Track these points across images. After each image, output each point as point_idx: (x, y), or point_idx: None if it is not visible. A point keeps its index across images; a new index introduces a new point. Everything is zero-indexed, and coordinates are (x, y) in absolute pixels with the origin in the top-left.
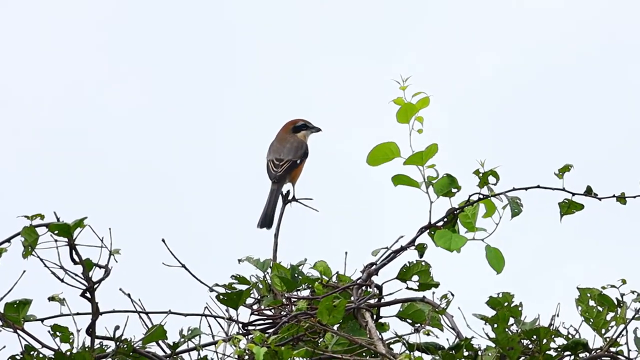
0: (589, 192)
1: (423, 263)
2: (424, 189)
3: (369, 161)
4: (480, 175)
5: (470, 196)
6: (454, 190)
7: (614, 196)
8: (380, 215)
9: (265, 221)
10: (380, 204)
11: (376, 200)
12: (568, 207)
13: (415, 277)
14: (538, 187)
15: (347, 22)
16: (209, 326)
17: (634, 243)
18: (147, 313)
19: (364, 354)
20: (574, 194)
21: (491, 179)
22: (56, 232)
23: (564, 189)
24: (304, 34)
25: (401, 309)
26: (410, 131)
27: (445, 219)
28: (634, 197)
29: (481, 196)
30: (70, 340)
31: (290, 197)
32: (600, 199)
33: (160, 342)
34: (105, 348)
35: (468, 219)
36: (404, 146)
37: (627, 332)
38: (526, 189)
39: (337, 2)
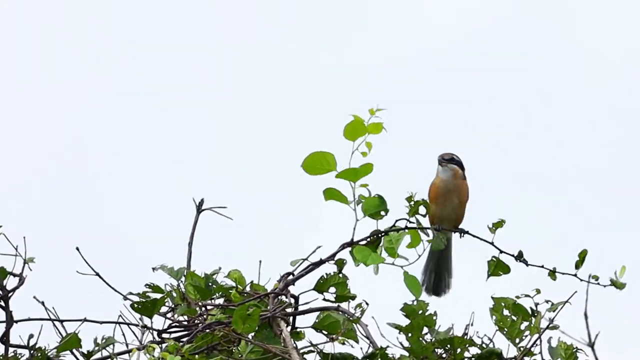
0: (519, 257)
1: (340, 275)
2: (352, 207)
3: (304, 167)
4: (412, 204)
5: (396, 221)
6: (382, 212)
7: (542, 266)
8: (306, 227)
9: None
10: (310, 216)
11: (306, 212)
12: (495, 267)
13: (332, 289)
14: (467, 233)
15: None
16: (123, 334)
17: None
18: (61, 321)
19: None
20: (501, 252)
21: (422, 210)
22: None
23: (492, 244)
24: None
25: (317, 320)
26: (353, 151)
27: (369, 239)
28: (563, 273)
29: (409, 225)
30: None
31: (202, 207)
32: (528, 265)
33: (74, 350)
34: (20, 357)
35: (391, 245)
36: (343, 160)
37: (541, 341)
38: (454, 231)
39: None
